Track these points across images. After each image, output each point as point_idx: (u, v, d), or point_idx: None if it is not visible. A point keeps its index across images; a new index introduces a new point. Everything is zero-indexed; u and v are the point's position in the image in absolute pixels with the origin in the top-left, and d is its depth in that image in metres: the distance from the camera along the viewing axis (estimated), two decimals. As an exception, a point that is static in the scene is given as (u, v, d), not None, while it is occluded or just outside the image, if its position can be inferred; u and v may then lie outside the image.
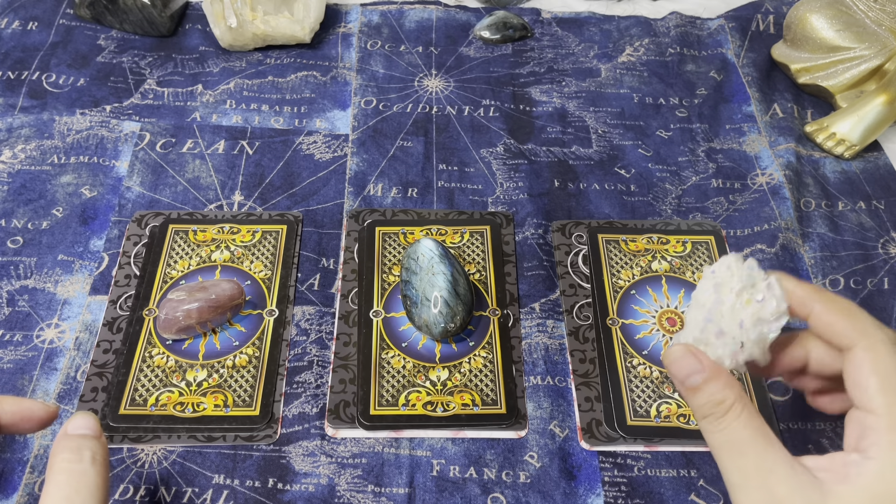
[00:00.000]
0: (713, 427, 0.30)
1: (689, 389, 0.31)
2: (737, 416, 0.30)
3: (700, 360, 0.31)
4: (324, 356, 0.46)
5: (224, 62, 0.63)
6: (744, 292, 0.33)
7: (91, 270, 0.49)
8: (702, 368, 0.31)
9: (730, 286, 0.33)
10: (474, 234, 0.52)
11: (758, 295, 0.33)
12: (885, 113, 0.57)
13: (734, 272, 0.33)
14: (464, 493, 0.41)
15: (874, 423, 0.28)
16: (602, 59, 0.65)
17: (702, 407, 0.31)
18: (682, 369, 0.31)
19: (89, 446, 0.32)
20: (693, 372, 0.31)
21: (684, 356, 0.32)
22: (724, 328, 0.33)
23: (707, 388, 0.30)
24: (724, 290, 0.33)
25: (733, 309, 0.33)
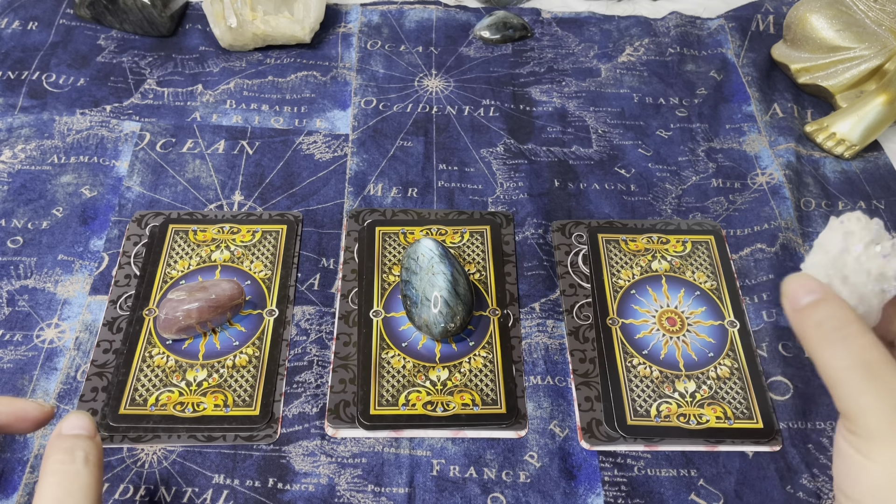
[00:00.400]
0: (825, 348, 0.27)
1: (807, 308, 0.28)
2: (864, 333, 0.27)
3: (818, 284, 0.29)
4: (324, 356, 0.46)
5: (224, 62, 0.63)
6: (871, 245, 0.32)
7: (91, 270, 0.49)
8: (819, 290, 0.29)
9: (860, 236, 0.32)
10: (474, 234, 0.52)
11: (884, 251, 0.32)
12: (885, 113, 0.57)
13: (864, 224, 0.33)
14: (464, 492, 0.41)
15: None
16: (602, 59, 0.65)
17: (821, 324, 0.28)
18: (796, 290, 0.29)
19: (83, 447, 0.32)
20: (808, 292, 0.29)
21: (805, 279, 0.30)
22: (848, 276, 0.32)
23: (823, 307, 0.28)
24: (852, 240, 0.32)
25: (859, 259, 0.32)
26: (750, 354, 0.46)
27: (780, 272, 0.50)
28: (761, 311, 0.48)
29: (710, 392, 0.44)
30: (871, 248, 0.32)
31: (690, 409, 0.44)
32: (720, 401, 0.44)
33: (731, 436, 0.43)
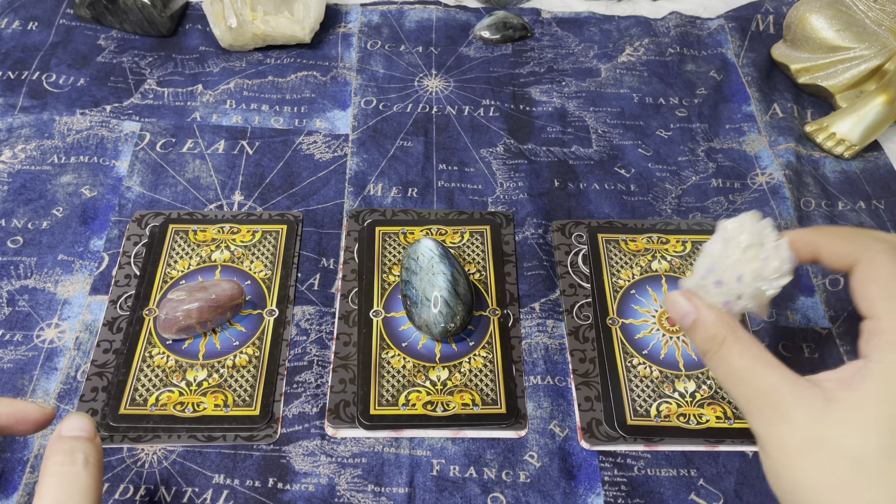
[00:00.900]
0: (714, 362, 0.32)
1: (688, 330, 0.34)
2: (730, 348, 0.31)
3: (692, 301, 0.34)
4: (324, 356, 0.46)
5: (224, 62, 0.63)
6: (750, 249, 0.35)
7: (91, 270, 0.49)
8: (693, 309, 0.33)
9: (737, 241, 0.35)
10: (474, 234, 0.52)
11: (763, 253, 0.35)
12: (885, 113, 0.57)
13: (745, 228, 0.35)
14: (464, 492, 0.41)
15: (877, 328, 0.29)
16: (602, 59, 0.65)
17: (701, 345, 0.33)
18: (679, 310, 0.34)
19: (82, 448, 0.32)
20: (688, 312, 0.33)
21: (677, 298, 0.34)
22: (723, 279, 0.35)
23: (700, 325, 0.33)
24: (731, 244, 0.35)
25: (736, 263, 0.35)
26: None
27: (780, 272, 0.50)
28: (761, 311, 0.48)
29: (710, 392, 0.44)
30: (749, 251, 0.35)
31: (690, 408, 0.44)
32: (720, 401, 0.44)
33: (731, 436, 0.43)
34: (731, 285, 0.35)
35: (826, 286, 0.50)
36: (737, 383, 0.31)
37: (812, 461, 0.28)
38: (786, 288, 0.49)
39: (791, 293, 0.49)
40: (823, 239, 0.34)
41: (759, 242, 0.35)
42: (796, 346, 0.47)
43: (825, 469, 0.28)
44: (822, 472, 0.28)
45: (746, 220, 0.35)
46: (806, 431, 0.28)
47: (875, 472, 0.27)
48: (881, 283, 0.30)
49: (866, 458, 0.27)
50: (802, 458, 0.28)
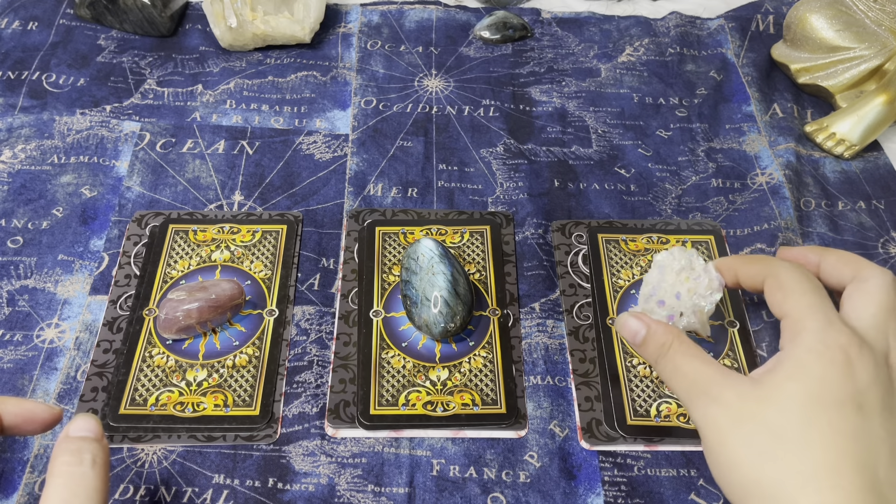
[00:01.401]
0: (662, 364, 0.36)
1: (640, 345, 0.37)
2: (676, 350, 0.35)
3: (641, 319, 0.38)
4: (324, 356, 0.46)
5: (224, 62, 0.63)
6: (683, 272, 0.41)
7: (91, 270, 0.49)
8: (644, 325, 0.37)
9: (671, 267, 0.41)
10: (474, 234, 0.52)
11: (694, 275, 0.41)
12: (885, 113, 0.57)
13: (676, 256, 0.42)
14: (464, 492, 0.41)
15: (786, 324, 0.34)
16: (602, 59, 0.65)
17: (652, 354, 0.36)
18: (629, 329, 0.38)
19: (90, 449, 0.32)
20: (638, 329, 0.37)
21: (629, 319, 0.38)
22: (664, 299, 0.41)
23: (651, 337, 0.37)
24: (666, 270, 0.42)
25: (673, 284, 0.41)
26: (750, 354, 0.46)
27: (780, 272, 0.50)
28: (761, 311, 0.48)
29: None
30: (682, 274, 0.41)
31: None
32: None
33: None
34: (671, 303, 0.41)
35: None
36: (680, 378, 0.35)
37: (740, 436, 0.31)
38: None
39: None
40: (740, 264, 0.39)
41: (690, 266, 0.41)
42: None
43: (752, 442, 0.31)
44: (750, 445, 0.31)
45: (676, 250, 0.42)
46: (735, 410, 0.32)
47: (795, 441, 0.30)
48: (784, 288, 0.35)
49: (786, 429, 0.31)
50: (732, 435, 0.32)
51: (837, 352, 0.31)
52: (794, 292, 0.34)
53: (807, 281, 0.35)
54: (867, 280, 0.35)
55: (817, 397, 0.31)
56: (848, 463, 0.30)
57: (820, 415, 0.31)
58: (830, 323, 0.32)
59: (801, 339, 0.32)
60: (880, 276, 0.35)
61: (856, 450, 0.30)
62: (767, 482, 0.30)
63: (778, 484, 0.30)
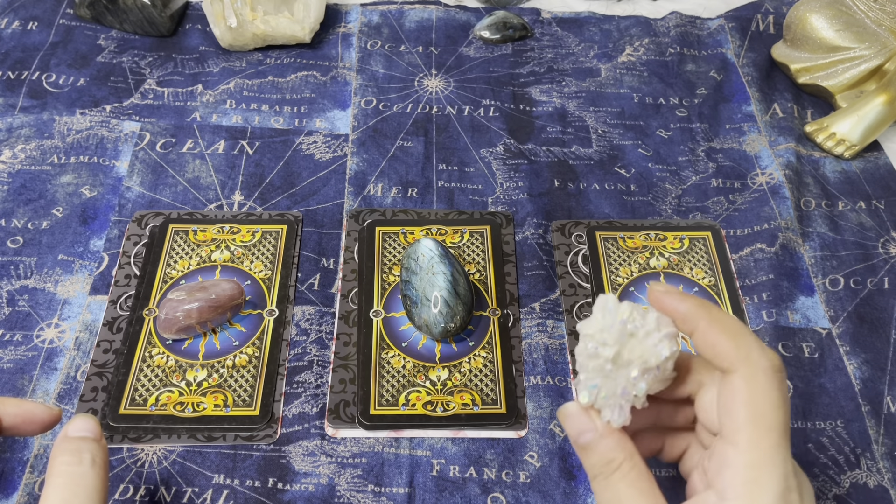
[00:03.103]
0: (601, 487, 0.30)
1: (582, 448, 0.31)
2: (623, 476, 0.29)
3: (593, 420, 0.31)
4: (324, 356, 0.46)
5: (224, 62, 0.63)
6: (624, 352, 0.31)
7: (91, 270, 0.49)
8: (593, 428, 0.31)
9: (604, 354, 0.31)
10: (474, 234, 0.52)
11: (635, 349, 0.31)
12: (885, 113, 0.57)
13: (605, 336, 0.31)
14: (464, 492, 0.41)
15: (733, 459, 0.27)
16: (602, 58, 0.65)
17: (593, 466, 0.30)
18: (575, 427, 0.31)
19: (89, 449, 0.32)
20: (585, 430, 0.31)
21: (577, 415, 0.31)
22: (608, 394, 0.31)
23: (598, 447, 0.30)
24: (600, 354, 0.31)
25: (613, 374, 0.31)
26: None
27: (780, 272, 0.50)
28: (761, 310, 0.48)
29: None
30: (622, 358, 0.31)
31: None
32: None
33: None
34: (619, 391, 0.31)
35: (826, 286, 0.50)
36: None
37: None
38: (787, 288, 0.49)
39: (791, 293, 0.49)
40: (704, 323, 0.29)
41: (628, 334, 0.31)
42: (796, 345, 0.47)
43: None
44: None
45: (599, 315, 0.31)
46: None
47: None
48: (753, 408, 0.27)
49: None
50: None
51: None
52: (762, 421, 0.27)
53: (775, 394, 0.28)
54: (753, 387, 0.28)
55: None
56: None
57: None
58: (787, 477, 0.27)
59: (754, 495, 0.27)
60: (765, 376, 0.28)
61: None
62: None
63: None
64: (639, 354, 0.31)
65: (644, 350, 0.31)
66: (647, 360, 0.30)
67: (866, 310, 0.49)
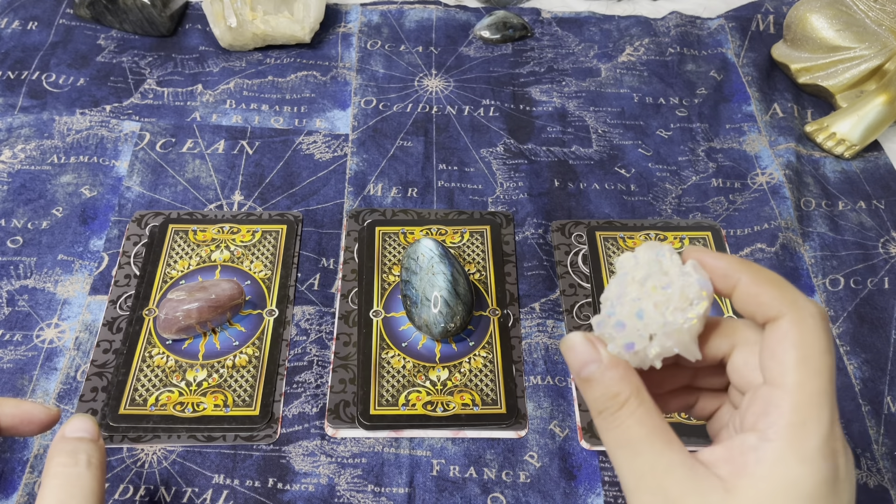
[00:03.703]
0: (607, 424, 0.27)
1: (584, 381, 0.28)
2: (632, 413, 0.27)
3: (597, 349, 0.28)
4: (324, 356, 0.46)
5: (224, 62, 0.63)
6: (648, 280, 0.29)
7: (91, 270, 0.49)
8: (598, 358, 0.28)
9: (633, 276, 0.30)
10: (474, 234, 0.52)
11: (666, 284, 0.29)
12: (885, 113, 0.57)
13: (639, 261, 0.30)
14: (464, 492, 0.41)
15: (779, 401, 0.26)
16: (602, 58, 0.65)
17: (596, 400, 0.28)
18: (578, 358, 0.28)
19: (85, 450, 0.32)
20: (589, 361, 0.28)
21: (581, 344, 0.28)
22: (623, 320, 0.29)
23: (602, 379, 0.27)
24: (627, 281, 0.30)
25: (635, 299, 0.29)
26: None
27: (780, 272, 0.50)
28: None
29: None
30: (649, 283, 0.29)
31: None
32: (720, 401, 0.44)
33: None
34: (633, 325, 0.29)
35: (826, 286, 0.50)
36: (630, 455, 0.27)
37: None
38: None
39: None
40: (746, 277, 0.28)
41: (661, 271, 0.29)
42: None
43: None
44: None
45: (641, 251, 0.30)
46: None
47: None
48: (802, 350, 0.26)
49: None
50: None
51: (831, 466, 0.25)
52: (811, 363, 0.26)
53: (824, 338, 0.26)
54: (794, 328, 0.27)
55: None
56: None
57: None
58: (833, 424, 0.26)
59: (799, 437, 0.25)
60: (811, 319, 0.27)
61: None
62: None
63: None
64: (672, 291, 0.29)
65: (676, 290, 0.29)
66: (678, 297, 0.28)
67: (866, 310, 0.49)
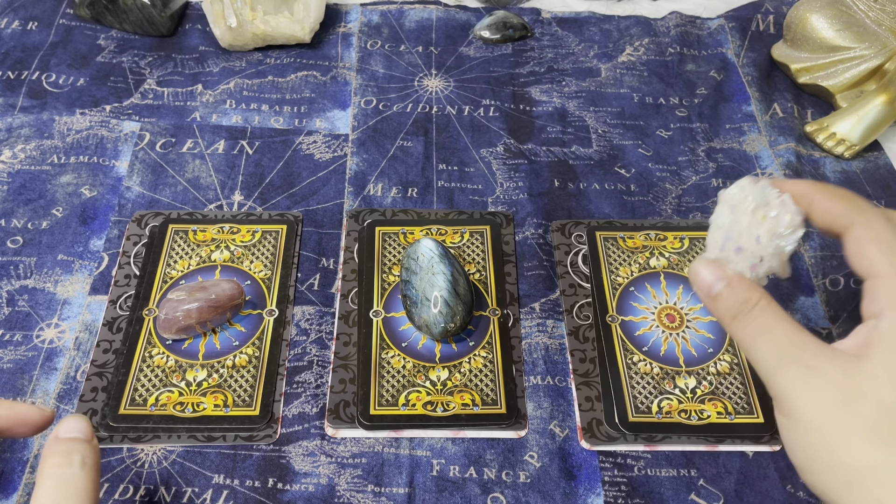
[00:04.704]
0: (744, 323, 0.31)
1: (715, 297, 0.33)
2: (764, 308, 0.31)
3: (718, 269, 0.33)
4: (324, 356, 0.46)
5: (224, 62, 0.63)
6: (758, 210, 0.35)
7: (91, 270, 0.49)
8: (724, 276, 0.33)
9: (744, 206, 0.35)
10: (474, 234, 0.52)
11: (771, 212, 0.35)
12: (885, 113, 0.57)
13: (748, 192, 0.35)
14: (464, 492, 0.41)
15: (881, 286, 0.30)
16: (602, 58, 0.65)
17: (730, 308, 0.32)
18: (706, 279, 0.33)
19: (79, 450, 0.32)
20: (717, 279, 0.33)
21: (707, 266, 0.33)
22: (742, 245, 0.35)
23: (733, 290, 0.32)
24: (739, 210, 0.35)
25: (749, 226, 0.35)
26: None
27: (781, 272, 0.50)
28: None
29: (711, 388, 0.44)
30: (759, 213, 0.35)
31: (691, 404, 0.44)
32: (721, 396, 0.44)
33: (733, 431, 0.43)
34: (751, 249, 0.35)
35: (826, 286, 0.50)
36: (768, 340, 0.31)
37: (851, 414, 0.28)
38: (787, 288, 0.49)
39: (791, 293, 0.49)
40: (818, 195, 0.33)
41: (765, 202, 0.35)
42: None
43: (866, 421, 0.28)
44: (863, 425, 0.28)
45: (746, 184, 0.36)
46: (843, 386, 0.28)
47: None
48: (880, 242, 0.30)
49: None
50: (840, 413, 0.28)
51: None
52: (891, 247, 0.30)
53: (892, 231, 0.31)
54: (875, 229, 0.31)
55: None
56: None
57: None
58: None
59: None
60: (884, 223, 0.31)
61: None
62: (881, 469, 0.27)
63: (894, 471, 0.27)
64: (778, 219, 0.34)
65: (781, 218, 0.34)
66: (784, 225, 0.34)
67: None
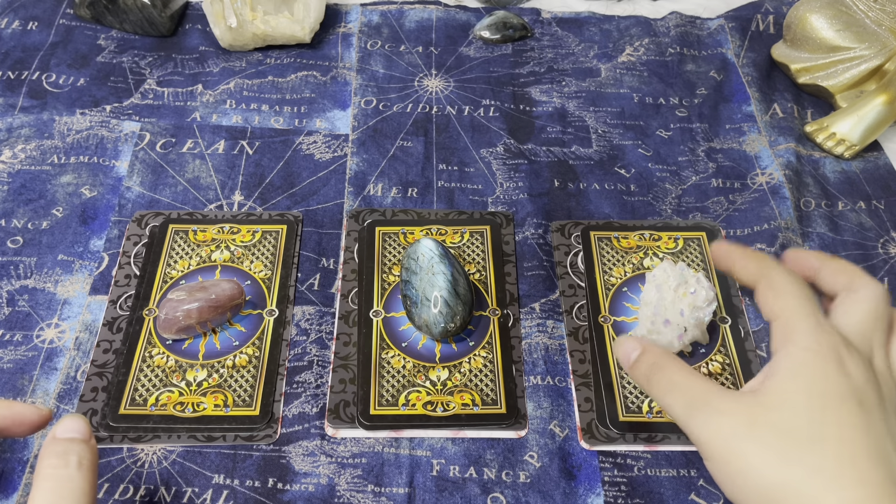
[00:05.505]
0: (656, 381, 0.35)
1: (632, 364, 0.36)
2: (671, 367, 0.35)
3: (637, 341, 0.37)
4: (324, 356, 0.46)
5: (224, 62, 0.63)
6: (679, 287, 0.43)
7: (91, 270, 0.49)
8: (639, 346, 0.36)
9: (668, 284, 0.43)
10: (474, 234, 0.52)
11: (691, 289, 0.43)
12: (885, 113, 0.57)
13: (669, 273, 0.43)
14: (464, 492, 0.41)
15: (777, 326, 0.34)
16: (602, 58, 0.65)
17: (644, 372, 0.36)
18: (626, 349, 0.37)
19: (76, 451, 0.32)
20: (633, 349, 0.37)
21: (627, 340, 0.37)
22: (669, 318, 0.43)
23: (645, 356, 0.36)
24: (664, 289, 0.43)
25: (674, 301, 0.43)
26: (741, 350, 0.46)
27: (780, 272, 0.50)
28: (761, 311, 0.48)
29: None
30: (680, 290, 0.43)
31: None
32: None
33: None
34: (676, 321, 0.42)
35: (826, 286, 0.50)
36: (677, 393, 0.34)
37: (752, 442, 0.31)
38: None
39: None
40: (736, 256, 0.38)
41: (684, 280, 0.43)
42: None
43: (765, 447, 0.31)
44: (764, 450, 0.31)
45: (667, 266, 0.43)
46: (742, 418, 0.32)
47: (809, 440, 0.30)
48: (775, 289, 0.35)
49: (798, 429, 0.31)
50: (743, 442, 0.31)
51: (829, 350, 0.32)
52: (785, 294, 0.34)
53: (799, 286, 0.35)
54: (858, 290, 0.35)
55: (821, 394, 0.31)
56: (864, 456, 0.30)
57: (827, 411, 0.31)
58: (820, 324, 0.33)
59: (794, 340, 0.33)
60: (872, 287, 0.35)
61: (867, 443, 0.30)
62: (789, 485, 0.30)
63: (801, 485, 0.30)
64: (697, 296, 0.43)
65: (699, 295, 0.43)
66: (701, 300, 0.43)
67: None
